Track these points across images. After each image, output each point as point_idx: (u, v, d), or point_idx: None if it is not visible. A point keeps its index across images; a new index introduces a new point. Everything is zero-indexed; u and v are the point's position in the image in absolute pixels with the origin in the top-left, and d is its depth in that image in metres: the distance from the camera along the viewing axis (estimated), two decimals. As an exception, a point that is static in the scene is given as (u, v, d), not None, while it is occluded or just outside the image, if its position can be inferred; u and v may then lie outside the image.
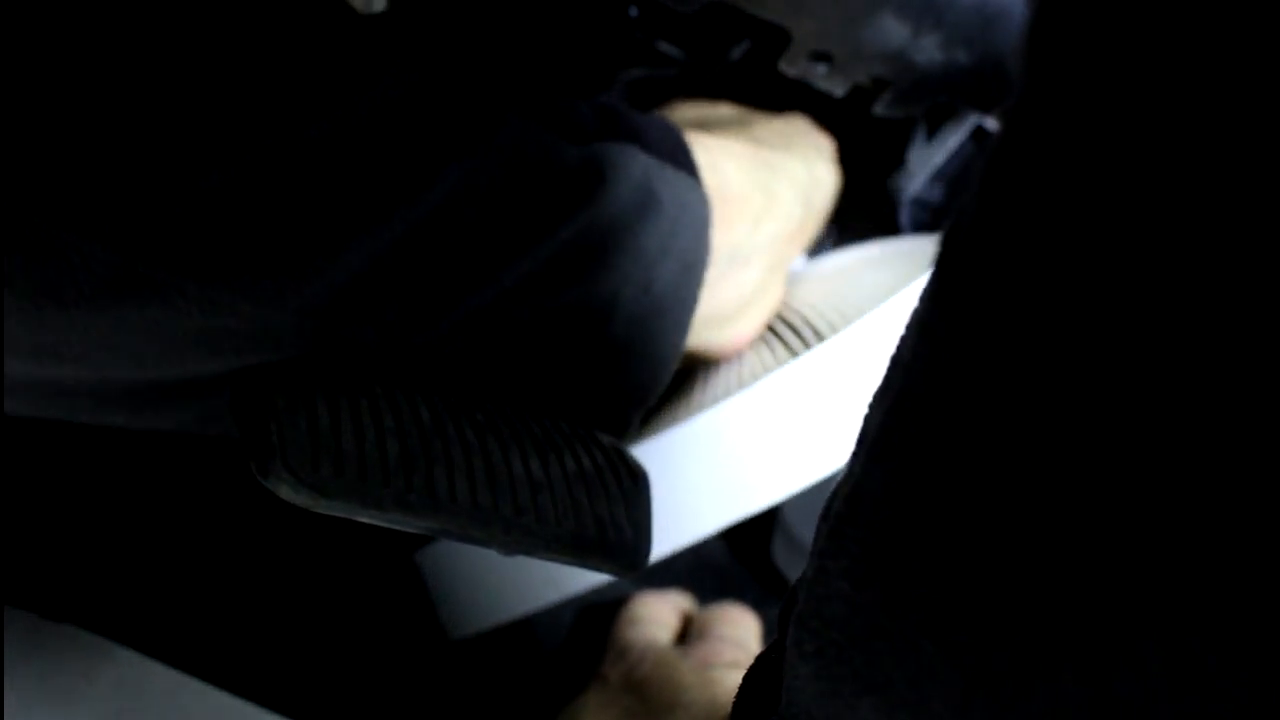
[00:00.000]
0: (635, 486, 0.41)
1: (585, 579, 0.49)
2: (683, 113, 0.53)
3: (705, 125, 0.50)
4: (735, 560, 0.58)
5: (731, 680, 0.48)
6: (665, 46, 0.50)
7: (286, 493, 0.36)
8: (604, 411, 0.43)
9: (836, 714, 0.26)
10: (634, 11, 0.49)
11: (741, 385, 0.48)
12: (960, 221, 0.23)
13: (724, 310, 0.48)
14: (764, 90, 0.53)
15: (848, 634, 0.25)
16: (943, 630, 0.23)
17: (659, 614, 0.54)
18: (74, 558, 0.53)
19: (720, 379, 0.49)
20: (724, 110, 0.53)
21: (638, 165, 0.42)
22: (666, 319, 0.44)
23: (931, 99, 0.52)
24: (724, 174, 0.47)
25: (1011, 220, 0.22)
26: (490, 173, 0.39)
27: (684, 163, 0.44)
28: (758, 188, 0.48)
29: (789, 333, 0.50)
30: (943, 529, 0.23)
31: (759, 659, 0.32)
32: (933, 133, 0.54)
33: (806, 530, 0.55)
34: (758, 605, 0.55)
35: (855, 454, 0.26)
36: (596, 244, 0.41)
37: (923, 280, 0.47)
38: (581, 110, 0.42)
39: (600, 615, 0.56)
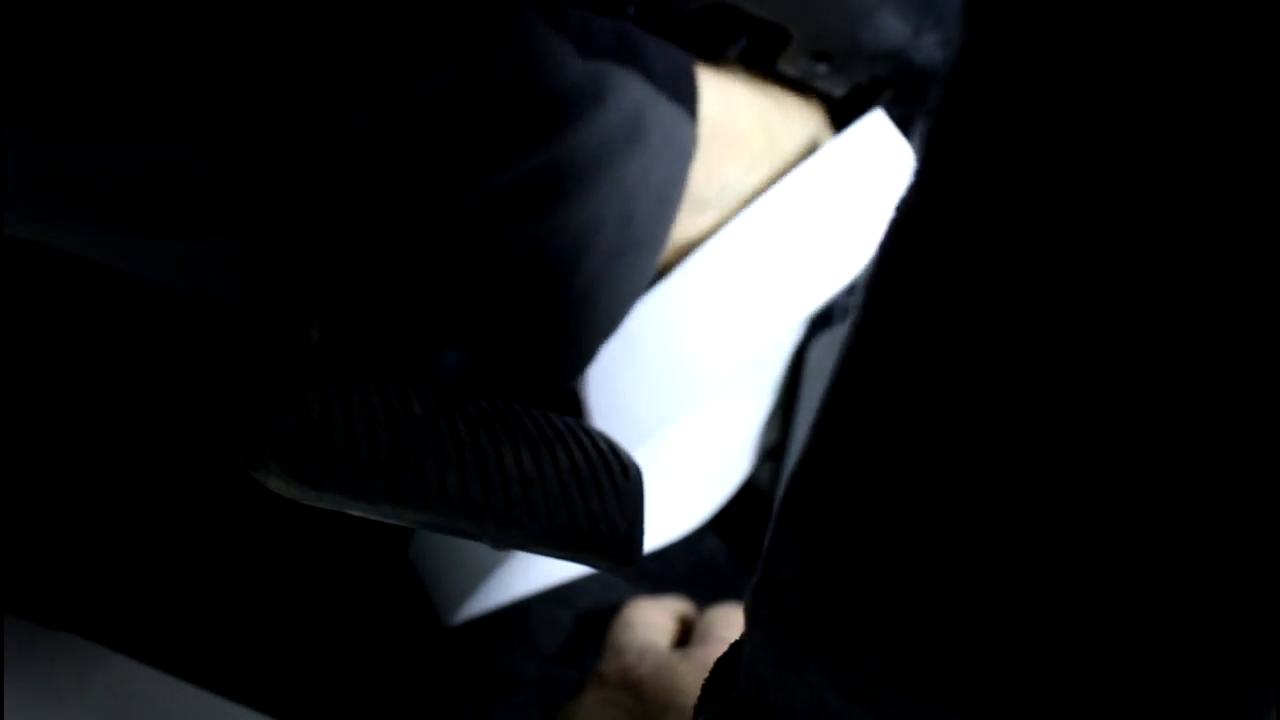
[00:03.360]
0: (628, 481, 0.41)
1: (578, 566, 0.49)
2: None
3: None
4: (734, 560, 0.58)
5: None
6: (663, 45, 0.50)
7: (276, 484, 0.36)
8: (560, 355, 0.43)
9: (787, 683, 0.26)
10: (631, 10, 0.49)
11: None
12: (909, 187, 0.24)
13: (682, 247, 0.48)
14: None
15: (798, 597, 0.25)
16: (882, 590, 0.23)
17: (655, 618, 0.54)
18: (69, 566, 0.53)
19: None
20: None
21: (635, 91, 0.42)
22: (640, 254, 0.44)
23: (931, 98, 0.52)
24: (735, 109, 0.47)
25: (952, 180, 0.22)
26: (493, 70, 0.39)
27: (684, 97, 0.44)
28: (763, 132, 0.48)
29: None
30: (888, 488, 0.23)
31: (731, 647, 0.32)
32: (933, 132, 0.53)
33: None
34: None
35: (815, 419, 0.26)
36: (582, 164, 0.41)
37: (826, 152, 0.49)
38: (598, 24, 0.42)
39: (600, 620, 0.55)
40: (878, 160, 0.50)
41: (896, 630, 0.23)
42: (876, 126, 0.50)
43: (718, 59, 0.50)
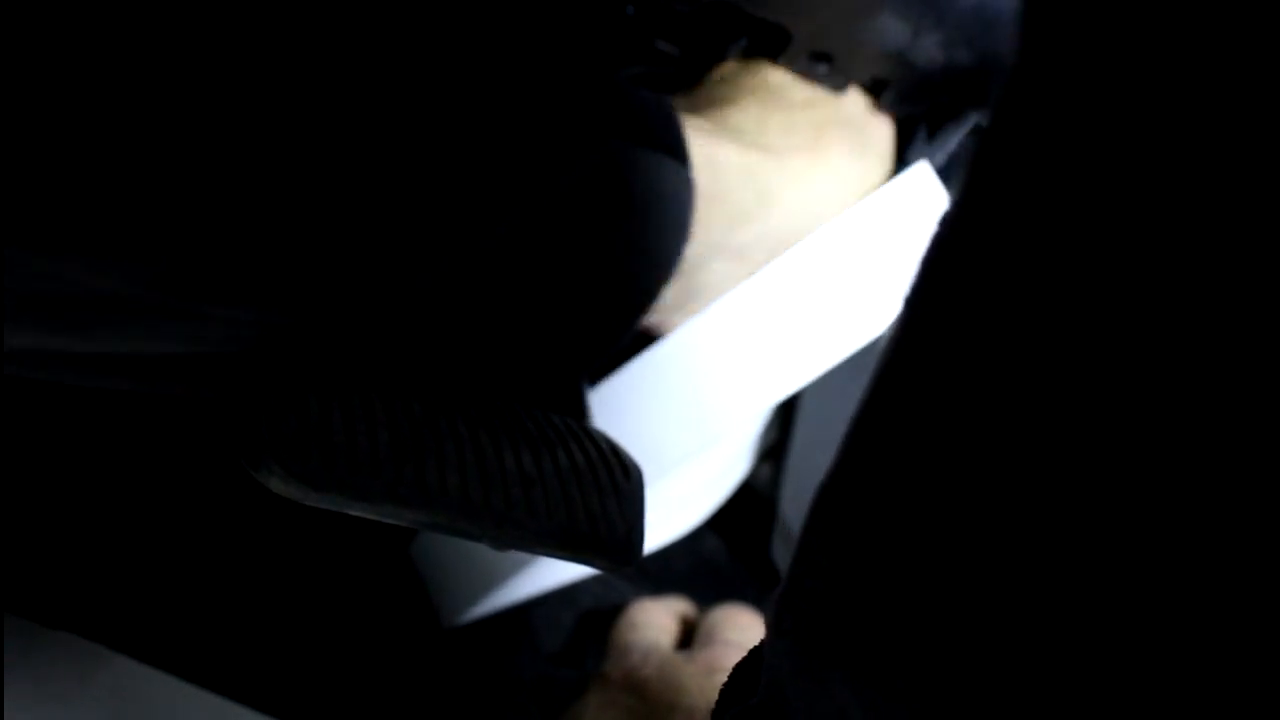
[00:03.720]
0: (628, 481, 0.41)
1: (579, 567, 0.49)
2: (729, 78, 0.51)
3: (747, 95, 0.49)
4: (734, 560, 0.58)
5: (734, 684, 0.48)
6: (663, 45, 0.50)
7: (277, 485, 0.36)
8: (555, 382, 0.43)
9: (809, 692, 0.26)
10: (631, 10, 0.49)
11: None
12: (953, 204, 0.23)
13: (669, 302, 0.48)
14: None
15: (822, 608, 0.25)
16: (907, 606, 0.23)
17: (659, 619, 0.54)
18: (69, 566, 0.53)
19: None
20: (773, 76, 0.50)
21: (611, 149, 0.41)
22: (635, 307, 0.43)
23: (931, 99, 0.52)
24: (718, 166, 0.46)
25: (999, 210, 0.22)
26: (453, 146, 0.39)
27: (669, 145, 0.43)
28: (751, 188, 0.47)
29: None
30: (919, 502, 0.23)
31: (750, 653, 0.32)
32: (933, 133, 0.53)
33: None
34: (757, 605, 0.55)
35: (848, 431, 0.26)
36: (558, 231, 0.40)
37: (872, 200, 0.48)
38: (567, 83, 0.42)
39: (601, 620, 0.55)
40: (920, 213, 0.49)
41: (920, 648, 0.23)
42: (920, 178, 0.50)
43: (718, 59, 0.50)
